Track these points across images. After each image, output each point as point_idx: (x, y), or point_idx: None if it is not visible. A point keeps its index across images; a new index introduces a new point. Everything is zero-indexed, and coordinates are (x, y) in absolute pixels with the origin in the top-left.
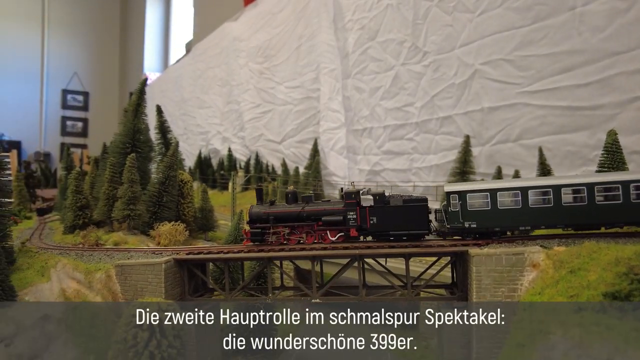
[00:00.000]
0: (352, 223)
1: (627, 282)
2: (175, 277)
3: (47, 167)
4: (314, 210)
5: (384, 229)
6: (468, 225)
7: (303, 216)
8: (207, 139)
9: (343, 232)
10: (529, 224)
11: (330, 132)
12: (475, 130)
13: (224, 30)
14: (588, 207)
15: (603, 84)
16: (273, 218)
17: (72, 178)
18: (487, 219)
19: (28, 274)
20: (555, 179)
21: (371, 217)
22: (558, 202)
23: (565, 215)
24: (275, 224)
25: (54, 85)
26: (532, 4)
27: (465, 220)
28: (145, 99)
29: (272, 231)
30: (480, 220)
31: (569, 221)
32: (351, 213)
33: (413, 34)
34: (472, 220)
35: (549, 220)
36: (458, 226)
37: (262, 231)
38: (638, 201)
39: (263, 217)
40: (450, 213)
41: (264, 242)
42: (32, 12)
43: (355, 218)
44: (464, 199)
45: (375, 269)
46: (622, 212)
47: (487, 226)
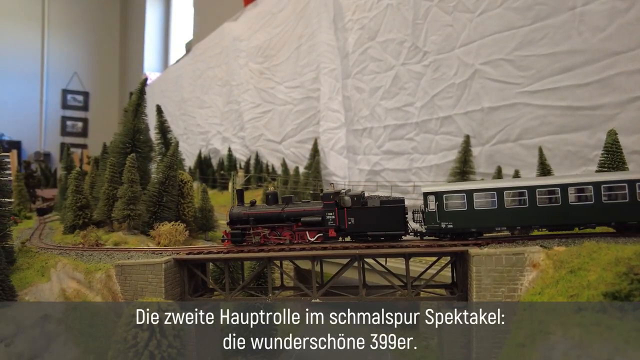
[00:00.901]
0: (330, 224)
1: (627, 282)
2: (175, 277)
3: (47, 167)
4: (294, 211)
5: (362, 229)
6: (445, 226)
7: (283, 217)
8: (207, 139)
9: (322, 232)
10: (505, 225)
11: (330, 132)
12: (475, 130)
13: (224, 30)
14: (562, 208)
15: (603, 83)
16: (253, 219)
17: (72, 178)
18: (464, 220)
19: (28, 274)
20: (530, 181)
21: (349, 217)
22: (533, 203)
23: (540, 216)
24: (256, 225)
25: (54, 85)
26: (532, 4)
27: (442, 221)
28: (145, 99)
29: (253, 232)
30: (456, 220)
31: (544, 222)
32: (330, 214)
33: (413, 34)
34: (449, 221)
35: (524, 220)
36: (435, 227)
37: (242, 232)
38: (609, 202)
39: (243, 218)
40: (427, 214)
41: (245, 243)
42: (32, 12)
43: (333, 219)
44: (440, 200)
45: (375, 269)
46: (594, 212)
47: (464, 227)
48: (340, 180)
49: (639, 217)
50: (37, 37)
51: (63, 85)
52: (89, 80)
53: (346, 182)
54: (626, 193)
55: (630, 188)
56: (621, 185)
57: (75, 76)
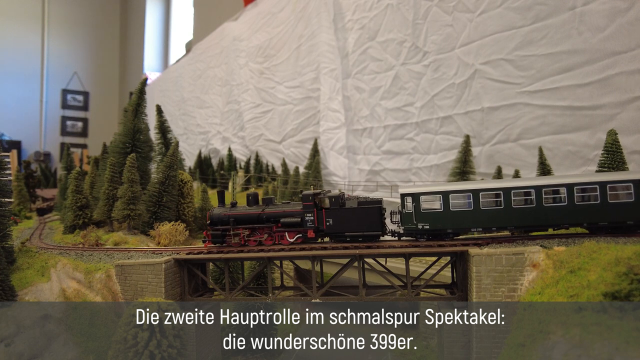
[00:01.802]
0: (309, 225)
1: (627, 282)
2: (175, 277)
3: (47, 167)
4: (274, 212)
5: (340, 230)
6: (421, 227)
7: (263, 218)
8: (207, 139)
9: (301, 233)
10: (480, 226)
11: (330, 132)
12: (475, 130)
13: (224, 30)
14: (536, 209)
15: (603, 83)
16: (233, 220)
17: (72, 178)
18: (440, 221)
19: (28, 274)
20: (505, 182)
21: (328, 218)
22: (508, 204)
23: (515, 217)
24: (236, 226)
25: (54, 85)
26: (532, 4)
27: (418, 221)
28: (145, 99)
29: (233, 233)
30: (433, 221)
31: (519, 223)
32: (308, 215)
33: (413, 33)
34: (425, 222)
35: (499, 222)
36: (412, 227)
37: (223, 233)
38: (581, 203)
39: (224, 219)
40: (405, 215)
41: (225, 243)
42: (32, 12)
43: (312, 220)
44: (417, 201)
45: (375, 269)
46: (567, 214)
47: (440, 227)
48: (340, 180)
49: (609, 218)
50: (37, 37)
51: (63, 85)
52: (89, 80)
53: (346, 182)
54: (597, 195)
55: (601, 190)
56: (593, 187)
57: (75, 76)
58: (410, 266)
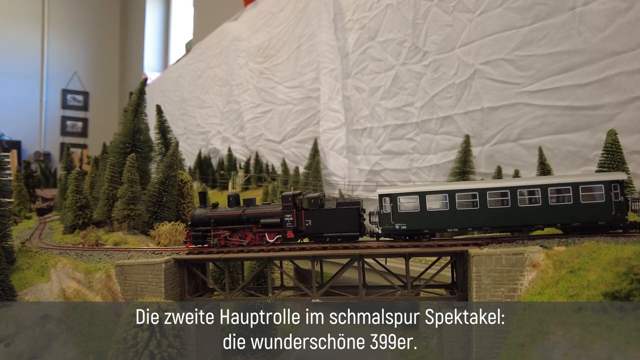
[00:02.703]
0: (288, 225)
1: (627, 282)
2: (175, 277)
3: (47, 167)
4: (254, 213)
5: (319, 230)
6: (399, 227)
7: (243, 219)
8: (207, 139)
9: (281, 234)
10: (457, 226)
11: (330, 132)
12: (475, 130)
13: (224, 30)
14: (511, 209)
15: (603, 83)
16: (214, 221)
17: (72, 178)
18: (417, 221)
19: (28, 274)
20: (481, 183)
21: (307, 219)
22: (484, 205)
23: (490, 217)
24: (216, 227)
25: (53, 85)
26: (532, 4)
27: (396, 222)
28: (145, 98)
29: (213, 234)
30: (410, 222)
31: (494, 223)
32: (288, 216)
33: (413, 33)
34: (403, 222)
35: (475, 222)
36: (389, 228)
37: (204, 234)
38: (555, 204)
39: (205, 220)
40: (383, 215)
41: (206, 244)
42: (32, 12)
43: (291, 220)
44: (395, 202)
45: (375, 269)
46: (542, 214)
47: (417, 228)
48: (340, 180)
49: (581, 218)
50: (37, 37)
51: (63, 85)
52: (89, 80)
53: (346, 182)
54: (570, 195)
55: (574, 191)
56: (566, 188)
57: (75, 76)
58: (410, 266)
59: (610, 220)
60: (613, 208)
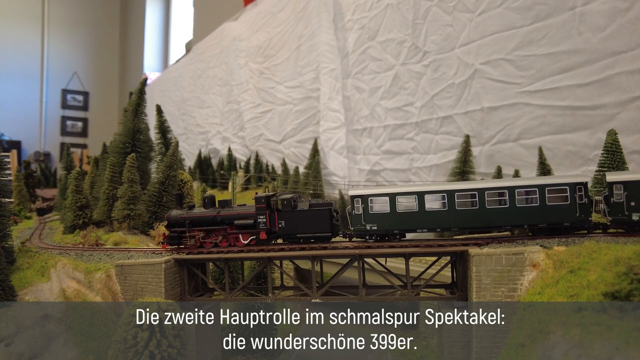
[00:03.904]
0: (262, 226)
1: (627, 282)
2: (175, 277)
3: (47, 167)
4: (228, 214)
5: (292, 231)
6: (369, 228)
7: (217, 220)
8: (207, 139)
9: (254, 235)
10: (426, 227)
11: (330, 131)
12: (475, 130)
13: (223, 30)
14: (479, 211)
15: (603, 83)
16: (189, 222)
17: (72, 178)
18: (387, 222)
19: (28, 274)
20: (449, 185)
21: (280, 220)
22: (452, 206)
23: (459, 218)
24: (192, 228)
25: (53, 85)
26: (532, 4)
27: (367, 222)
28: (145, 98)
29: (188, 235)
30: (380, 222)
31: (462, 224)
32: (261, 217)
33: (413, 33)
34: (374, 223)
35: (443, 223)
36: (360, 228)
37: (180, 235)
38: (522, 206)
39: (180, 221)
40: (354, 216)
41: (182, 245)
42: (32, 12)
43: (265, 221)
44: (366, 203)
45: (375, 269)
46: (509, 216)
47: (387, 228)
48: (340, 180)
49: (547, 220)
50: (37, 37)
51: (63, 85)
52: (89, 80)
53: (346, 182)
54: (537, 197)
55: (541, 193)
56: (532, 190)
57: (75, 76)
58: (410, 266)
59: (574, 221)
60: (577, 210)
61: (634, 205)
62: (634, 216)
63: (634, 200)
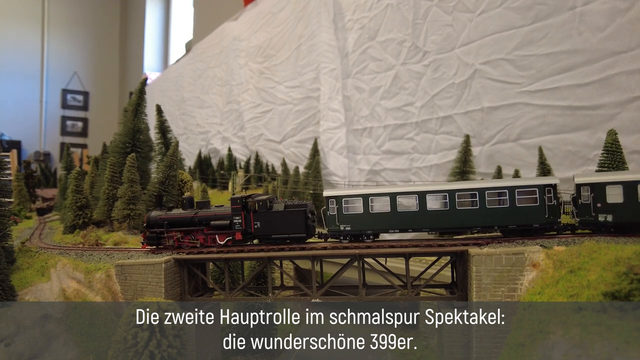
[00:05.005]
0: (237, 227)
1: (627, 281)
2: (175, 277)
3: (47, 167)
4: (205, 215)
5: (267, 232)
6: (343, 228)
7: (195, 221)
8: (207, 139)
9: (230, 236)
10: (398, 227)
11: (330, 131)
12: (475, 130)
13: (223, 30)
14: (450, 212)
15: (603, 83)
16: (167, 223)
17: (72, 178)
18: (361, 223)
19: (28, 274)
20: (421, 186)
21: (255, 221)
22: (423, 207)
23: (430, 219)
24: (170, 229)
25: (53, 85)
26: (532, 4)
27: (341, 223)
28: (145, 98)
29: (167, 235)
30: (354, 223)
31: (434, 225)
32: (237, 218)
33: (413, 33)
34: (347, 224)
35: (415, 224)
36: (334, 229)
37: (158, 235)
38: (492, 207)
39: (159, 222)
40: (329, 217)
41: (161, 246)
42: (32, 12)
43: (240, 222)
44: (340, 204)
45: (375, 269)
46: (479, 217)
47: (360, 229)
48: (340, 180)
49: (517, 221)
50: (37, 37)
51: (63, 85)
52: (89, 80)
53: (346, 182)
54: (507, 199)
55: (510, 194)
56: (502, 191)
57: (75, 76)
58: (410, 266)
59: (543, 222)
60: (546, 211)
61: (600, 206)
62: (600, 217)
63: (600, 202)
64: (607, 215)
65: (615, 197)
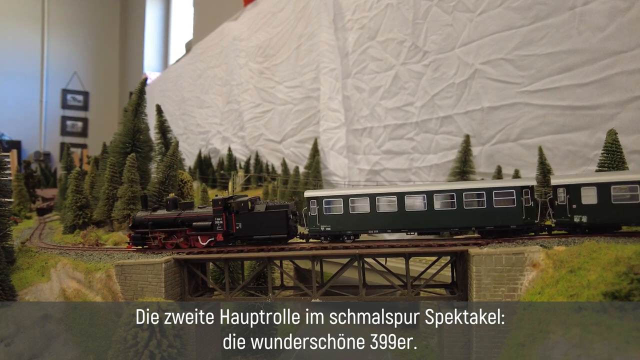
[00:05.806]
0: (219, 228)
1: (627, 281)
2: (175, 277)
3: (47, 167)
4: (188, 216)
5: (249, 233)
6: (324, 229)
7: (178, 222)
8: (207, 139)
9: (212, 237)
10: (377, 228)
11: (330, 131)
12: (475, 130)
13: (223, 30)
14: (428, 213)
15: (603, 83)
16: (151, 223)
17: (72, 178)
18: (341, 223)
19: (28, 274)
20: (399, 187)
21: (237, 222)
22: (402, 208)
23: (409, 220)
24: (154, 230)
25: (53, 85)
26: (532, 4)
27: (321, 223)
28: (145, 98)
29: (151, 236)
30: (334, 224)
31: (412, 226)
32: (218, 219)
33: (413, 33)
34: (327, 224)
35: (394, 224)
36: (315, 229)
37: (143, 236)
38: (470, 208)
39: (144, 222)
40: (309, 217)
41: (146, 246)
42: (32, 12)
43: (221, 224)
44: (321, 205)
45: (375, 269)
46: (457, 218)
47: (341, 229)
48: (340, 180)
49: (494, 222)
50: (37, 37)
51: (63, 85)
52: (89, 80)
53: (346, 182)
54: (484, 200)
55: (488, 196)
56: (480, 192)
57: (75, 76)
58: (410, 266)
59: (520, 224)
60: (523, 212)
61: (576, 207)
62: (575, 218)
63: (575, 203)
64: (582, 216)
65: (589, 199)
